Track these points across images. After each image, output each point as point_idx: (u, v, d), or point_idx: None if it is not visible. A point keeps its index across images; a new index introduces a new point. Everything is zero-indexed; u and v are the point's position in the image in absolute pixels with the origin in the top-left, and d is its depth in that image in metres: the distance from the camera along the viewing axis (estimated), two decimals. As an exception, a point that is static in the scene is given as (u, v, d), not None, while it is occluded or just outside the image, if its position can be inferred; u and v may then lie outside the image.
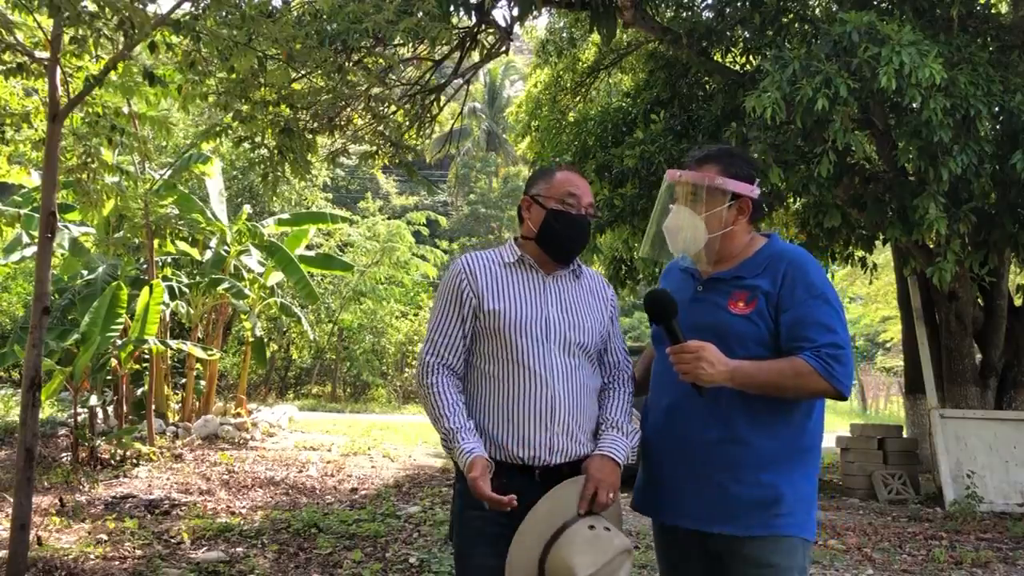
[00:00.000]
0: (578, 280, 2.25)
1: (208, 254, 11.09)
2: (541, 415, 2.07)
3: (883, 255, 11.44)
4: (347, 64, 5.63)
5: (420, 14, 5.28)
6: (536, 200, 2.20)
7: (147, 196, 8.98)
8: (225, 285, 10.37)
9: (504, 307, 2.12)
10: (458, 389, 2.14)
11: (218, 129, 5.70)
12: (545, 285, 2.18)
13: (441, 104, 8.56)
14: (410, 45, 7.64)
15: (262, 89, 5.13)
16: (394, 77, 7.69)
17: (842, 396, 1.97)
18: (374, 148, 6.93)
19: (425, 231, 21.49)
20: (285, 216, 12.11)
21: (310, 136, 6.12)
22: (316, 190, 19.82)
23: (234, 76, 4.74)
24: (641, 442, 2.21)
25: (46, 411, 9.90)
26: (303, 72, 5.62)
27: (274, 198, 15.87)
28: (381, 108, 6.10)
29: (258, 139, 5.77)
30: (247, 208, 11.58)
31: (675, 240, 2.14)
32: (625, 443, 2.15)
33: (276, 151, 5.84)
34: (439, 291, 2.24)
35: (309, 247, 13.22)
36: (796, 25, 7.41)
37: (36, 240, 6.52)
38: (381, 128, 6.58)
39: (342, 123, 6.33)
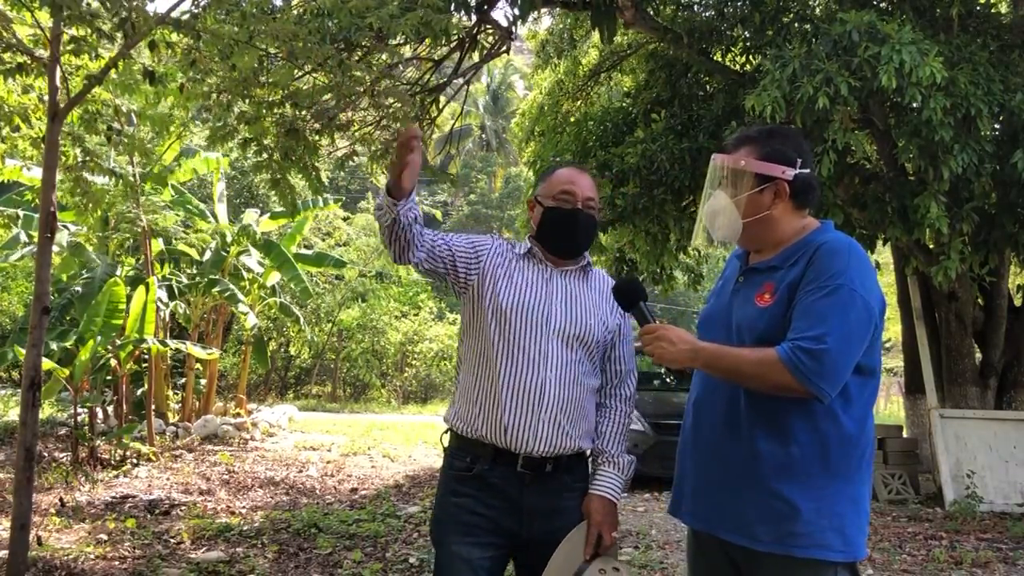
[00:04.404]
0: (586, 278, 2.27)
1: (208, 254, 11.08)
2: (530, 398, 2.09)
3: (883, 255, 11.42)
4: (348, 61, 5.59)
5: (422, 10, 5.23)
6: (537, 200, 2.27)
7: (137, 195, 8.95)
8: (219, 288, 10.35)
9: (509, 290, 2.18)
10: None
11: (223, 132, 5.66)
12: (551, 277, 2.23)
13: (440, 105, 8.53)
14: (411, 45, 7.62)
15: (264, 88, 5.10)
16: (395, 77, 7.64)
17: (814, 396, 1.76)
18: (382, 147, 6.87)
19: None
20: (279, 209, 12.07)
21: (315, 137, 6.08)
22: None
23: (236, 75, 4.72)
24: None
25: (46, 411, 9.90)
26: (306, 70, 5.58)
27: (274, 199, 15.84)
28: (387, 102, 6.04)
29: (264, 141, 5.72)
30: (249, 212, 11.57)
31: (713, 226, 2.03)
32: (619, 478, 2.20)
33: (282, 153, 5.79)
34: None
35: (308, 246, 13.21)
36: (796, 25, 7.40)
37: (35, 240, 6.50)
38: (387, 123, 6.51)
39: (344, 123, 6.29)
